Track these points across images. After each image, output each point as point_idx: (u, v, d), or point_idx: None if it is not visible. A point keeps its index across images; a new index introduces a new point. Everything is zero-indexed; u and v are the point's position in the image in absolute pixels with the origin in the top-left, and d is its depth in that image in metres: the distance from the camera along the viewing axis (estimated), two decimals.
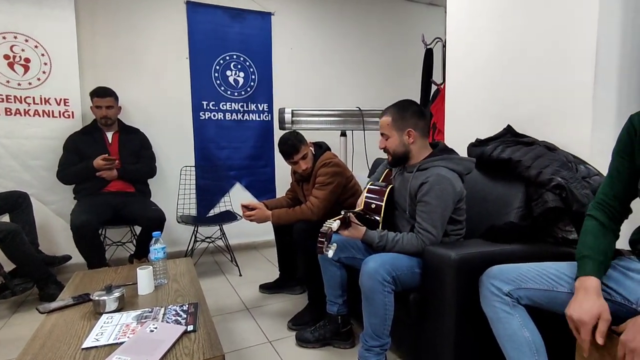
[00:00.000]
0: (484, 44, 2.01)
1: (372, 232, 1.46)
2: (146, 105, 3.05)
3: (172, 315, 1.24)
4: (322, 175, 2.05)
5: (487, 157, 1.68)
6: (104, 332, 1.13)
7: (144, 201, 2.57)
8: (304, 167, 2.10)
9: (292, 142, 2.05)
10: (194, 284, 1.56)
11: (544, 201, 1.43)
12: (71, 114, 2.76)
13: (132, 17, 2.96)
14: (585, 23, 1.52)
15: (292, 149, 2.05)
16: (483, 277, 1.14)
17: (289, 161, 2.11)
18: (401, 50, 3.95)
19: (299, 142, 2.06)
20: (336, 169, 2.07)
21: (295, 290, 2.41)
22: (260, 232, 3.43)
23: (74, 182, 2.53)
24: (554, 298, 1.04)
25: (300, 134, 2.11)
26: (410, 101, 1.57)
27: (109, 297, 1.28)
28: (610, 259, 1.02)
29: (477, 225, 1.56)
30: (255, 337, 1.87)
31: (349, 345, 1.74)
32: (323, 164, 2.07)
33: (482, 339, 1.20)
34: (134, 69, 2.99)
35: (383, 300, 1.35)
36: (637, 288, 0.95)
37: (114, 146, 2.60)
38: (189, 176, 3.22)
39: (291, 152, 2.06)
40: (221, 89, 3.29)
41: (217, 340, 1.10)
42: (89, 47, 2.85)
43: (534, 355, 1.04)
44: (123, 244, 2.89)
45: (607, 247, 1.02)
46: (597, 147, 1.53)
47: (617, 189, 1.06)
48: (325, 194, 2.01)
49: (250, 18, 3.32)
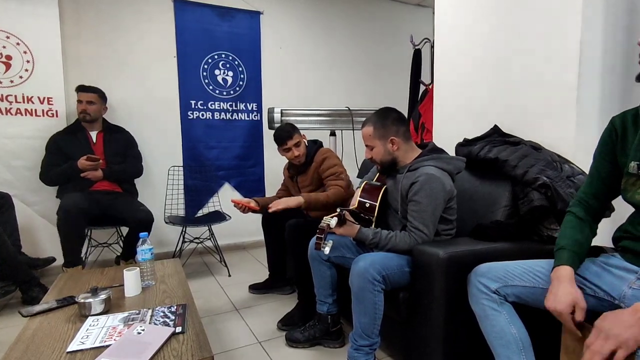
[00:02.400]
0: (471, 45, 2.03)
1: (365, 229, 1.47)
2: (132, 104, 3.00)
3: (160, 317, 1.22)
4: (330, 167, 2.11)
5: (475, 156, 1.70)
6: (89, 335, 1.11)
7: (132, 201, 2.53)
8: (296, 153, 2.13)
9: (286, 129, 2.14)
10: (182, 285, 1.55)
11: (530, 200, 1.46)
12: (55, 112, 2.70)
13: (118, 14, 2.91)
14: (569, 25, 1.55)
15: (286, 135, 2.11)
16: (471, 275, 1.16)
17: (282, 148, 2.14)
18: (390, 50, 3.97)
19: (293, 129, 2.14)
20: (338, 160, 2.17)
21: (285, 290, 2.40)
22: (249, 233, 3.42)
23: (58, 183, 2.48)
24: (539, 295, 1.06)
25: (294, 125, 2.19)
26: (389, 108, 1.58)
27: (95, 299, 1.26)
28: (585, 250, 1.05)
29: (466, 224, 1.58)
30: (244, 337, 1.86)
31: (338, 345, 1.74)
32: (325, 157, 2.14)
33: (470, 336, 1.22)
34: (120, 67, 2.95)
35: (373, 300, 1.36)
36: (618, 284, 0.98)
37: (99, 146, 2.55)
38: (177, 176, 3.18)
39: (285, 138, 2.11)
40: (209, 88, 3.26)
41: (206, 341, 1.08)
42: (74, 45, 2.79)
43: (520, 351, 1.05)
44: (109, 245, 2.84)
45: (583, 239, 1.05)
46: (581, 146, 1.56)
47: (597, 189, 1.09)
48: (345, 182, 2.09)
49: (239, 17, 3.30)
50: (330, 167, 2.11)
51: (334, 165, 2.11)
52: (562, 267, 0.99)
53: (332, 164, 2.11)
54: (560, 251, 1.04)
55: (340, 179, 2.08)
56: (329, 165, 2.11)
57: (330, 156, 2.15)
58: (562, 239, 1.06)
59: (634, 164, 0.97)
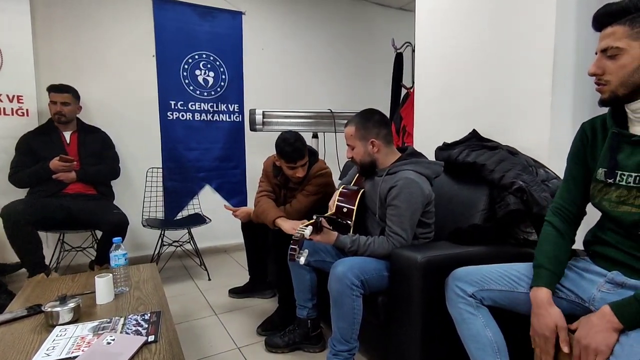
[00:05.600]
0: (451, 50, 2.06)
1: (343, 237, 1.46)
2: (109, 104, 2.91)
3: (132, 326, 1.18)
4: (314, 185, 1.95)
5: (454, 160, 1.71)
6: (55, 347, 1.06)
7: (106, 204, 2.44)
8: (301, 174, 1.92)
9: (298, 146, 1.84)
10: (157, 291, 1.50)
11: (507, 204, 1.48)
12: (25, 111, 2.59)
13: (93, 11, 2.82)
14: (544, 33, 1.59)
15: (298, 155, 1.85)
16: (449, 280, 1.17)
17: (289, 165, 1.89)
18: (372, 53, 3.99)
19: (303, 146, 1.87)
20: (329, 180, 2.02)
21: (266, 295, 2.37)
22: (230, 235, 3.37)
23: (29, 185, 2.38)
24: (514, 299, 1.08)
25: (302, 138, 1.91)
26: (372, 110, 1.58)
27: (63, 307, 1.21)
28: (564, 265, 1.06)
29: (444, 227, 1.59)
30: (223, 343, 1.82)
31: (318, 349, 1.73)
32: (319, 174, 1.97)
33: (448, 339, 1.22)
34: (95, 66, 2.86)
35: (352, 304, 1.35)
36: (589, 287, 1.00)
37: (73, 147, 2.46)
38: (156, 178, 3.11)
39: (296, 158, 1.85)
40: (190, 88, 3.20)
41: (180, 350, 1.05)
42: (46, 42, 2.69)
43: (496, 354, 1.07)
44: (83, 249, 2.75)
45: (562, 255, 1.06)
46: (555, 151, 1.60)
47: (574, 194, 1.10)
48: (308, 204, 1.95)
49: (221, 17, 3.25)
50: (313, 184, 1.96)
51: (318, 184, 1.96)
52: (541, 290, 1.00)
53: (317, 182, 1.96)
54: (540, 270, 1.03)
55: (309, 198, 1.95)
56: (313, 183, 1.96)
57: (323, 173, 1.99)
58: (541, 256, 1.06)
59: (601, 171, 0.99)
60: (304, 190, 1.99)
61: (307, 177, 1.99)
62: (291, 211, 1.95)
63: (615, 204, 0.95)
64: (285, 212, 1.95)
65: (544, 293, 0.99)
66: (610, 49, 0.92)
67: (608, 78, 0.94)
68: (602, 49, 0.94)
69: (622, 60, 0.90)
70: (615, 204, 0.95)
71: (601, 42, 0.94)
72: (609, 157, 0.97)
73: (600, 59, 0.95)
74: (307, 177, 1.99)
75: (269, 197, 2.04)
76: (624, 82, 0.91)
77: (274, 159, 2.00)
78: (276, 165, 2.03)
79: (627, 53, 0.90)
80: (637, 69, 0.89)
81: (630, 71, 0.90)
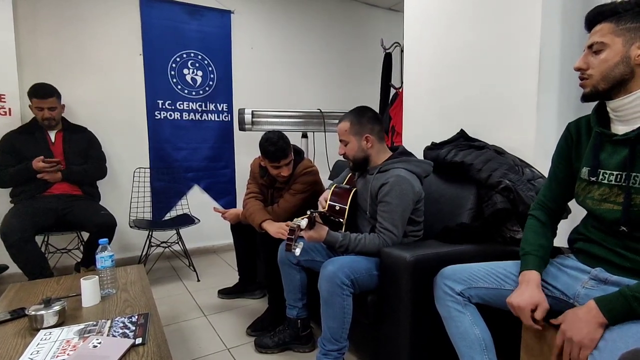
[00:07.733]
0: (439, 50, 2.08)
1: (334, 233, 1.46)
2: (95, 104, 2.86)
3: (119, 328, 1.16)
4: (301, 183, 1.96)
5: (442, 160, 1.73)
6: (40, 351, 1.04)
7: (92, 205, 2.40)
8: (286, 173, 1.93)
9: (281, 145, 1.84)
10: (145, 293, 1.48)
11: (494, 203, 1.50)
12: (8, 111, 2.52)
13: (78, 8, 2.77)
14: (530, 33, 1.62)
15: (281, 154, 1.85)
16: (437, 278, 1.18)
17: (273, 165, 1.90)
18: (361, 53, 4.01)
19: (287, 145, 1.88)
20: (316, 178, 2.02)
21: (256, 295, 2.36)
22: (219, 236, 3.35)
23: (11, 185, 2.32)
24: (501, 296, 1.09)
25: (286, 137, 1.92)
26: (366, 107, 1.60)
27: (48, 311, 1.18)
28: (548, 253, 1.10)
29: (433, 226, 1.61)
30: (212, 345, 1.81)
31: (308, 349, 1.73)
32: (305, 172, 1.98)
33: (436, 337, 1.24)
34: (81, 64, 2.80)
35: (342, 304, 1.35)
36: (573, 284, 1.02)
37: (58, 146, 2.41)
38: (144, 178, 3.06)
39: (279, 157, 1.86)
40: (178, 87, 3.16)
41: (168, 352, 1.04)
42: (29, 40, 2.63)
43: (483, 351, 1.08)
44: (69, 251, 2.69)
45: (546, 243, 1.10)
46: (540, 150, 1.63)
47: (556, 192, 1.14)
48: (296, 202, 1.95)
49: (209, 15, 3.22)
50: (300, 182, 1.96)
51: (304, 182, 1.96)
52: (530, 272, 1.04)
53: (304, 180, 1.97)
54: (527, 256, 1.07)
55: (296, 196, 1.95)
56: (300, 181, 1.97)
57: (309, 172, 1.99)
58: (527, 244, 1.10)
59: (585, 170, 1.01)
60: (290, 189, 1.99)
61: (293, 176, 1.99)
62: (279, 211, 1.95)
63: (598, 201, 0.97)
64: (273, 212, 1.95)
65: (534, 274, 1.03)
66: (596, 44, 0.94)
67: (591, 72, 0.96)
68: (588, 45, 0.97)
69: (605, 55, 0.93)
70: (597, 202, 0.98)
71: (589, 39, 0.97)
72: (592, 156, 0.99)
73: (587, 54, 0.97)
74: (293, 176, 1.99)
75: (256, 199, 2.04)
76: (605, 77, 0.93)
77: (260, 159, 2.01)
78: (262, 165, 2.03)
79: (609, 48, 0.92)
80: (617, 64, 0.91)
81: (611, 65, 0.92)
